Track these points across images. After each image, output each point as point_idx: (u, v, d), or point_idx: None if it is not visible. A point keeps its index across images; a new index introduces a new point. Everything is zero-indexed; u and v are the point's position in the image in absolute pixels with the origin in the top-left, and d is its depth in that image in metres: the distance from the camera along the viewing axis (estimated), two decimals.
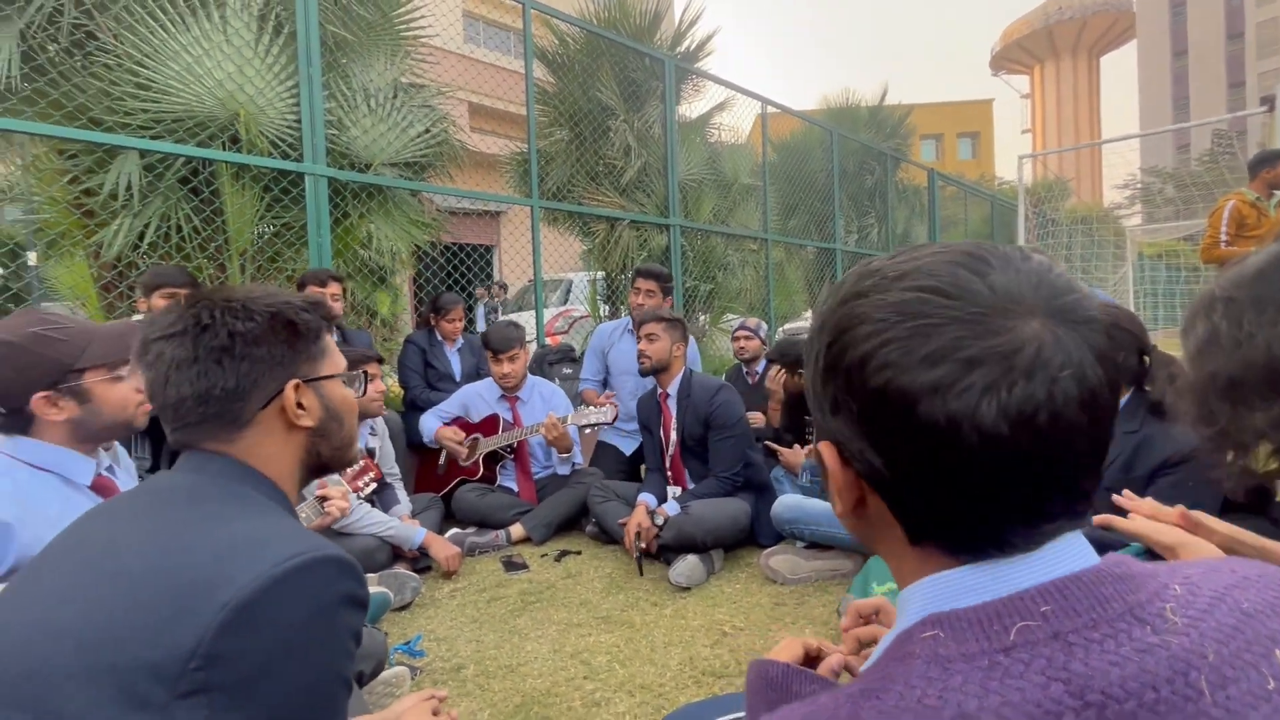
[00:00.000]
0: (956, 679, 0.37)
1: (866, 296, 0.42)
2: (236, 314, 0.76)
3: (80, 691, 0.56)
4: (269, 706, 0.59)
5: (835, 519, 2.35)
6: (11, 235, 4.89)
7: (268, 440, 0.78)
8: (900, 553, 0.45)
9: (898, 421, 0.39)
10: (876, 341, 0.40)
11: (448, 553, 2.41)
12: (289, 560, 0.62)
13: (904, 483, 0.41)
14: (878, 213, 8.57)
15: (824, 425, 0.46)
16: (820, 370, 0.44)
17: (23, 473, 1.17)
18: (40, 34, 2.91)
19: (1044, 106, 35.37)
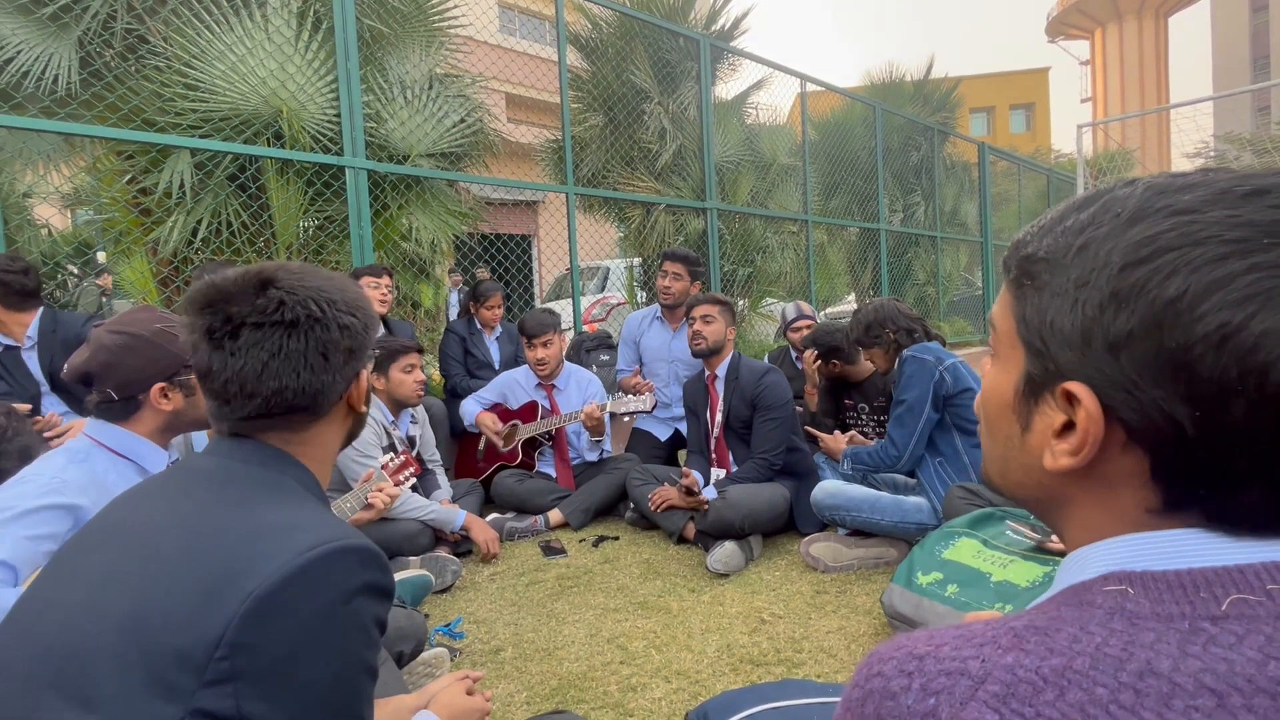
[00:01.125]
0: (1148, 635, 0.32)
1: (1197, 212, 0.34)
2: (340, 307, 0.75)
3: (116, 675, 0.56)
4: (294, 695, 0.59)
5: (877, 506, 2.30)
6: (81, 235, 5.19)
7: (329, 429, 0.79)
8: (1106, 521, 0.38)
9: (1243, 372, 0.31)
10: (1235, 267, 0.31)
11: (488, 535, 2.44)
12: (312, 550, 0.62)
13: (1215, 446, 0.33)
14: (924, 191, 8.24)
15: (1081, 364, 0.37)
16: (1098, 299, 0.35)
17: (101, 457, 1.24)
18: (96, 40, 3.04)
19: (1106, 73, 33.34)
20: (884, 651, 0.37)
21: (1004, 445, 0.44)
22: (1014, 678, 0.32)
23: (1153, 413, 0.34)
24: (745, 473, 2.51)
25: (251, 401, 0.73)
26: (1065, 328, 0.37)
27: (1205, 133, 15.24)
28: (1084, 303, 0.36)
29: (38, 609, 0.66)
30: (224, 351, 0.72)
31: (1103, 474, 0.38)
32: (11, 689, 0.60)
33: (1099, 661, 0.31)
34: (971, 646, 0.34)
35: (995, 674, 0.32)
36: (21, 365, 2.34)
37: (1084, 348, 0.36)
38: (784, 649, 1.72)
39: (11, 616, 0.68)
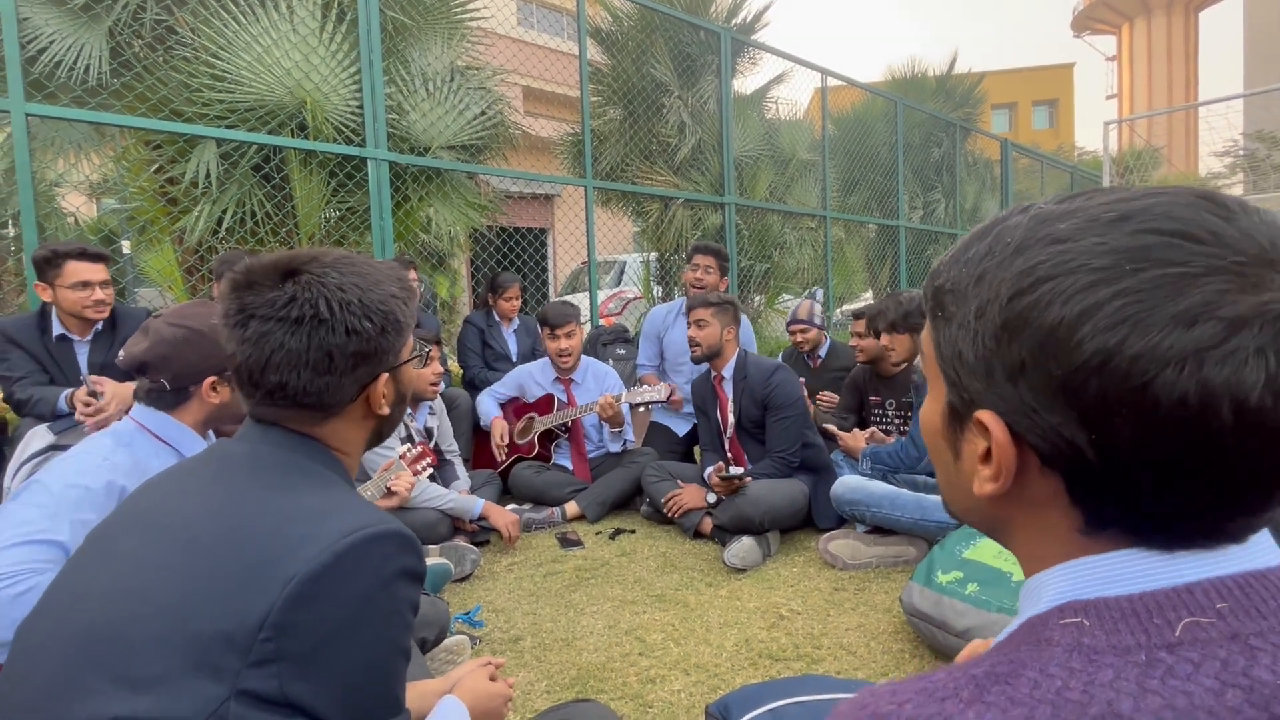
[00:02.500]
0: (1106, 673, 0.32)
1: (1071, 241, 0.35)
2: (353, 310, 0.73)
3: (161, 656, 0.58)
4: (335, 675, 0.60)
5: (898, 502, 2.28)
6: (107, 224, 5.28)
7: (345, 426, 0.78)
8: (1047, 541, 0.39)
9: (1122, 394, 0.32)
10: (1102, 294, 0.33)
11: (507, 520, 2.46)
12: (351, 535, 0.63)
13: (1113, 466, 0.34)
14: (945, 188, 8.14)
15: (988, 393, 0.38)
16: (992, 330, 0.37)
17: (144, 442, 1.27)
18: (126, 31, 3.08)
19: (1133, 69, 32.65)
20: (848, 711, 0.36)
21: (944, 471, 0.45)
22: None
23: (1054, 438, 0.35)
24: (763, 470, 2.50)
25: (258, 390, 0.74)
26: (970, 358, 0.39)
27: (1235, 130, 14.87)
28: (982, 334, 0.38)
29: (73, 594, 0.67)
30: (239, 340, 0.73)
31: (1029, 497, 0.39)
32: (51, 672, 0.61)
33: (1060, 708, 0.31)
34: (933, 703, 0.34)
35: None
36: (71, 358, 2.36)
37: (987, 378, 0.38)
38: (803, 645, 1.72)
39: (45, 600, 0.69)
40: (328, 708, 0.59)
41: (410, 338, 0.84)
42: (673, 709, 1.44)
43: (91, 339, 2.37)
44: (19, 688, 0.63)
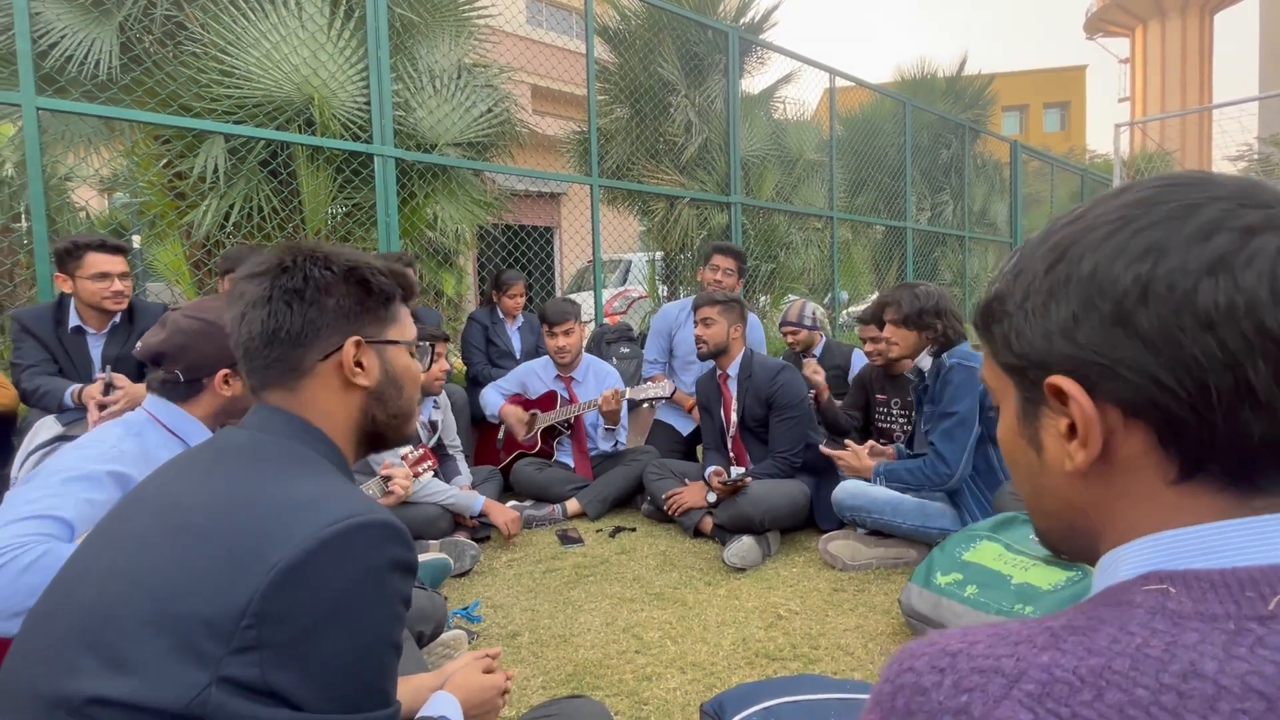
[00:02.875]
0: (1191, 636, 0.31)
1: (1085, 215, 0.39)
2: (315, 262, 0.77)
3: (148, 640, 0.58)
4: (317, 665, 0.59)
5: (900, 509, 2.24)
6: (117, 218, 5.32)
7: (324, 394, 0.78)
8: (1139, 509, 0.39)
9: (1172, 313, 0.34)
10: (1122, 236, 0.36)
11: (507, 517, 2.47)
12: (338, 523, 0.62)
13: (1186, 389, 0.35)
14: (953, 189, 8.10)
15: (1053, 360, 0.40)
16: (1039, 303, 0.40)
17: (154, 433, 1.29)
18: (136, 26, 3.11)
19: (1146, 71, 32.35)
20: (916, 648, 0.36)
21: (1030, 480, 0.46)
22: (1050, 677, 0.31)
23: (1125, 374, 0.37)
24: (765, 470, 2.50)
25: (239, 350, 0.77)
26: (1028, 337, 0.41)
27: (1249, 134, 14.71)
28: (1032, 310, 0.41)
29: (78, 572, 0.68)
30: (234, 309, 0.78)
31: (1120, 460, 0.39)
32: (52, 646, 0.62)
33: (1140, 662, 0.31)
34: (1006, 645, 0.34)
35: (1030, 673, 0.32)
36: (84, 351, 2.37)
37: (1047, 345, 0.40)
38: (800, 645, 1.71)
39: (58, 577, 0.70)
40: (310, 698, 0.59)
41: (399, 321, 0.84)
42: (668, 707, 1.44)
43: (108, 333, 2.39)
44: (23, 662, 0.64)
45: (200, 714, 0.56)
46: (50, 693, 0.57)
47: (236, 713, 0.56)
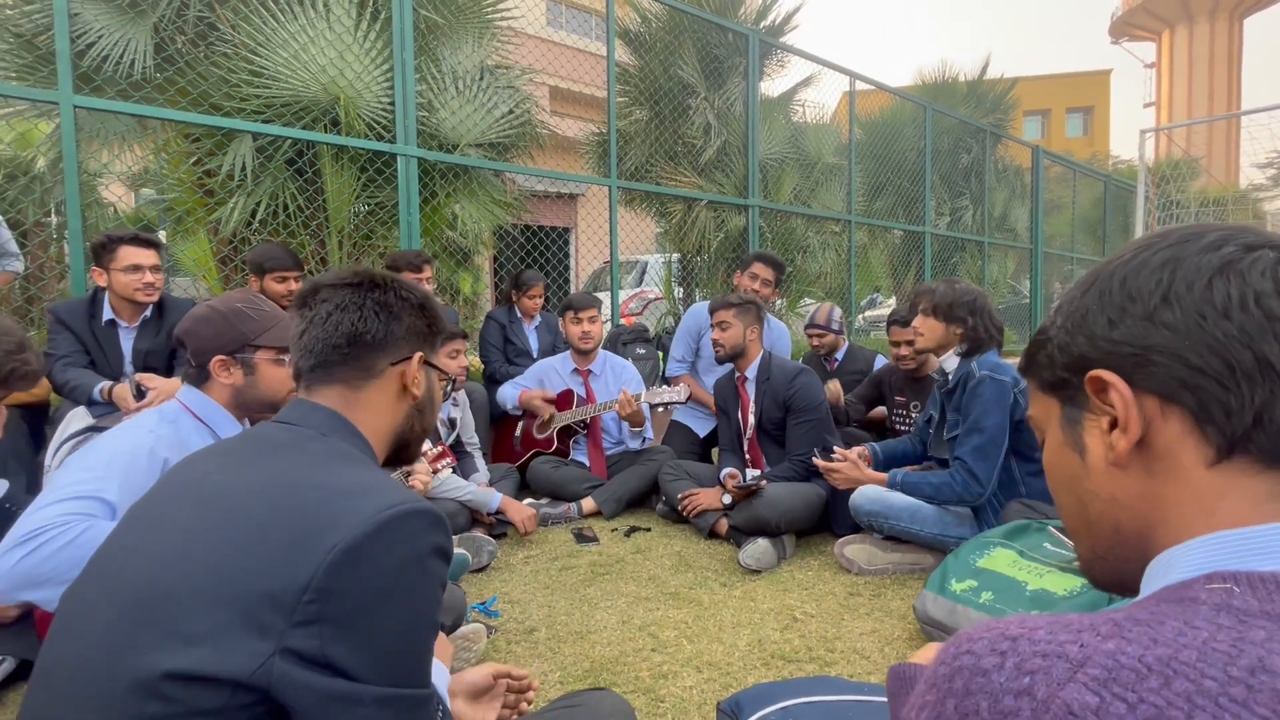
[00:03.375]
0: (1258, 633, 0.32)
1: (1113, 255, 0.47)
2: (400, 287, 0.89)
3: (208, 614, 0.61)
4: (371, 639, 0.63)
5: (918, 516, 2.23)
6: (145, 214, 5.44)
7: (381, 398, 0.87)
8: (1184, 499, 0.41)
9: (1193, 306, 0.40)
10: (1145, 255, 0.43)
11: (523, 514, 2.49)
12: (390, 509, 0.67)
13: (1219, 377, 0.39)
14: (973, 194, 8.03)
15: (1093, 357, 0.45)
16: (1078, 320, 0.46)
17: (186, 421, 1.35)
18: (170, 27, 3.18)
19: (1173, 76, 31.80)
20: (973, 632, 0.37)
21: (1074, 490, 0.48)
22: (1116, 663, 0.31)
23: (1158, 360, 0.41)
24: (780, 473, 2.50)
25: (316, 346, 0.84)
26: (1070, 345, 0.47)
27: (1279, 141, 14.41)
28: (1073, 325, 0.47)
29: (121, 557, 0.71)
30: (307, 309, 0.86)
31: (1161, 448, 0.42)
32: (102, 629, 0.65)
33: (1207, 655, 0.31)
34: (1068, 632, 0.34)
35: (1095, 658, 0.32)
36: (116, 344, 2.43)
37: (1089, 346, 0.45)
38: (816, 647, 1.71)
39: (94, 562, 0.73)
40: (363, 669, 0.62)
41: (441, 354, 0.96)
42: (684, 704, 1.45)
43: (138, 326, 2.45)
44: (68, 644, 0.67)
45: (264, 683, 0.59)
46: (124, 674, 0.60)
47: (297, 682, 0.60)
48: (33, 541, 1.09)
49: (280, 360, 1.41)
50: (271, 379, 1.41)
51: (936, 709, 0.35)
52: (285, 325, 1.41)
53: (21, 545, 1.08)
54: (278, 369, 1.41)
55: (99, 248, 2.34)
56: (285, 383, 1.42)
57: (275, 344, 1.40)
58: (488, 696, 1.08)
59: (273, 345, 1.40)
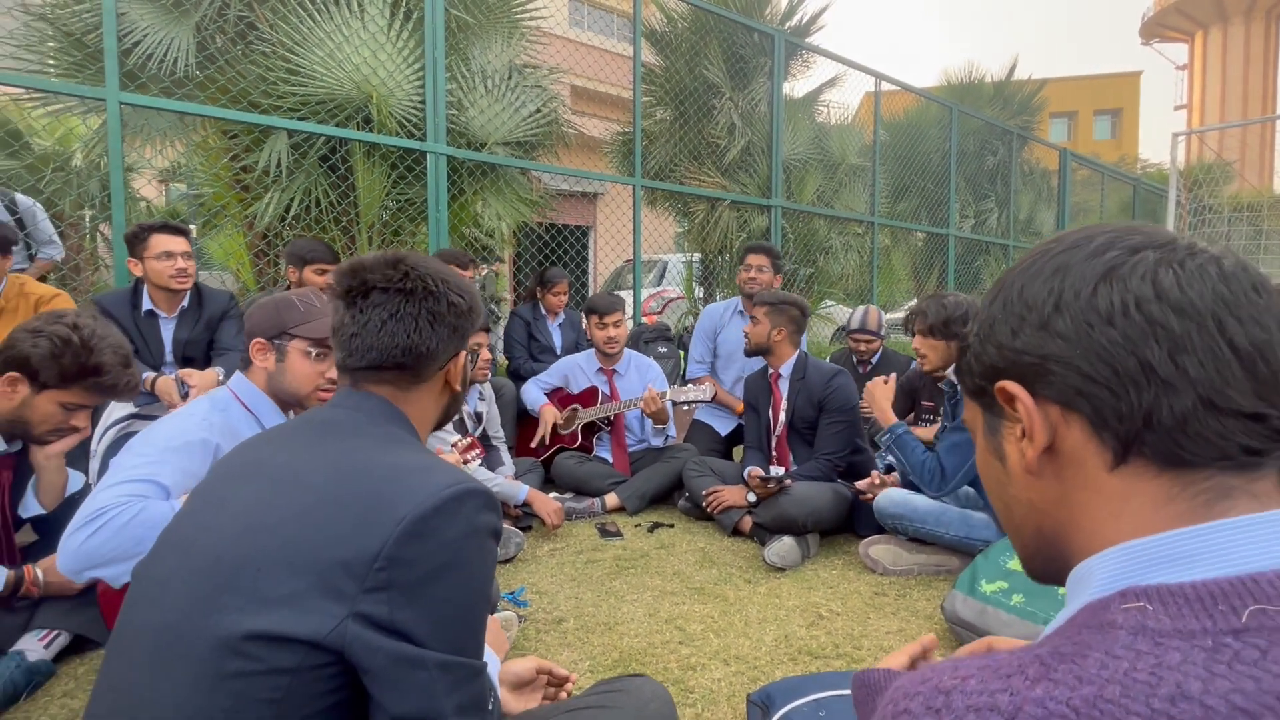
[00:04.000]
0: (1173, 656, 0.33)
1: (1020, 260, 0.48)
2: (450, 288, 0.88)
3: (288, 579, 0.65)
4: (435, 608, 0.67)
5: (943, 519, 2.23)
6: (177, 212, 5.57)
7: (428, 397, 0.90)
8: (1092, 502, 0.43)
9: (1081, 313, 0.41)
10: (1040, 263, 0.45)
11: (550, 508, 2.53)
12: (453, 486, 0.71)
13: (1110, 382, 0.41)
14: (998, 197, 7.94)
15: (1000, 367, 0.46)
16: (983, 330, 0.47)
17: (235, 409, 1.41)
18: (211, 26, 3.26)
19: (1205, 78, 31.08)
20: (909, 687, 0.37)
21: (1000, 495, 0.50)
22: (1046, 711, 0.32)
23: (1054, 369, 0.43)
24: (808, 471, 2.51)
25: (369, 354, 0.84)
26: (983, 355, 0.48)
27: None
28: (983, 335, 0.48)
29: (193, 532, 0.75)
30: (355, 308, 0.84)
31: (1066, 455, 0.44)
32: (182, 595, 0.69)
33: (1130, 688, 0.31)
34: (998, 679, 0.34)
35: (1026, 708, 0.32)
36: (157, 334, 2.51)
37: (997, 355, 0.46)
38: (842, 644, 1.72)
39: (167, 539, 0.77)
40: (427, 635, 0.66)
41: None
42: (714, 695, 1.47)
43: (177, 316, 2.53)
44: (148, 612, 0.71)
45: (338, 645, 0.63)
46: (210, 633, 0.64)
47: (369, 644, 0.64)
48: (97, 521, 1.14)
49: (309, 354, 1.43)
50: (297, 370, 1.43)
51: None
52: (324, 323, 1.44)
53: (87, 525, 1.14)
54: (305, 362, 1.42)
55: (132, 238, 2.42)
56: (310, 379, 1.43)
57: (309, 335, 1.42)
58: (529, 688, 1.12)
59: (307, 336, 1.42)
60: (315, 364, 1.43)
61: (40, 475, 1.60)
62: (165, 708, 0.64)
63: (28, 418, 1.42)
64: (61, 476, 1.63)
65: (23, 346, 1.36)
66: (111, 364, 1.41)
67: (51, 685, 1.49)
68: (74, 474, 1.71)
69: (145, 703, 0.65)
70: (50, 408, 1.41)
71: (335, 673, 0.65)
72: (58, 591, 1.55)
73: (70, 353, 1.37)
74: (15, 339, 1.38)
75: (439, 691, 0.66)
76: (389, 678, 0.64)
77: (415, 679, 0.65)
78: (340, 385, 0.89)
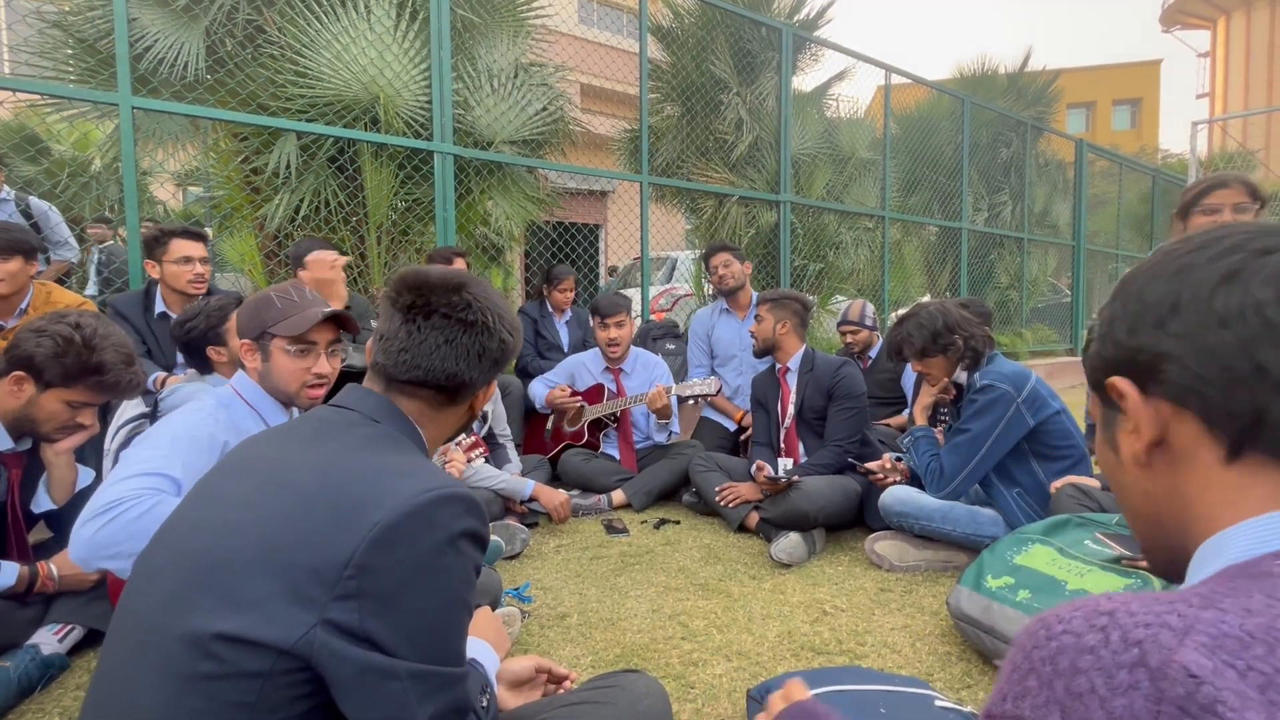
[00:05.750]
0: None
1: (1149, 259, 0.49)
2: (505, 327, 0.89)
3: (260, 582, 0.65)
4: (406, 617, 0.66)
5: (950, 516, 2.21)
6: (193, 214, 5.66)
7: (453, 418, 0.91)
8: (1208, 491, 0.43)
9: (1198, 315, 0.42)
10: (1164, 262, 0.46)
11: (557, 500, 2.54)
12: (428, 492, 0.70)
13: (1225, 381, 0.41)
14: (1013, 189, 7.82)
15: (1117, 360, 0.48)
16: (1104, 330, 0.49)
17: (239, 406, 1.42)
18: (220, 30, 3.30)
19: (1228, 66, 30.37)
20: (1062, 612, 0.36)
21: (1116, 479, 0.51)
22: (1219, 631, 0.32)
23: (1167, 368, 0.44)
24: (820, 459, 2.51)
25: (414, 371, 0.83)
26: (1102, 350, 0.50)
27: None
28: (1104, 334, 0.50)
29: (186, 527, 0.76)
30: (413, 325, 0.84)
31: (1179, 449, 0.45)
32: (167, 591, 0.70)
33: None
34: (1162, 604, 0.34)
35: (1198, 626, 0.32)
36: (168, 335, 2.57)
37: (1115, 351, 0.48)
38: (846, 640, 1.71)
39: (162, 532, 0.78)
40: (399, 644, 0.65)
41: None
42: (714, 691, 1.47)
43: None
44: (140, 603, 0.72)
45: (306, 652, 0.63)
46: (182, 631, 0.64)
47: (336, 653, 0.63)
48: (110, 512, 1.16)
49: (290, 351, 1.41)
50: (282, 368, 1.41)
51: (1043, 694, 0.34)
52: (300, 319, 1.41)
53: (100, 516, 1.16)
54: (286, 360, 1.41)
55: (151, 241, 2.46)
56: (295, 375, 1.42)
57: (287, 333, 1.40)
58: (528, 687, 1.12)
59: (285, 335, 1.40)
60: (297, 360, 1.41)
61: (50, 472, 1.63)
62: (142, 702, 0.64)
63: (34, 416, 1.45)
64: (71, 473, 1.66)
65: (27, 346, 1.39)
66: (113, 362, 1.43)
67: (65, 678, 1.52)
68: (84, 470, 1.74)
69: (126, 694, 0.66)
70: (55, 406, 1.44)
71: (307, 679, 0.64)
72: (72, 586, 1.58)
73: (73, 351, 1.39)
74: (20, 339, 1.41)
75: (410, 702, 0.65)
76: (357, 688, 0.63)
77: (386, 689, 0.64)
78: (369, 381, 0.87)
